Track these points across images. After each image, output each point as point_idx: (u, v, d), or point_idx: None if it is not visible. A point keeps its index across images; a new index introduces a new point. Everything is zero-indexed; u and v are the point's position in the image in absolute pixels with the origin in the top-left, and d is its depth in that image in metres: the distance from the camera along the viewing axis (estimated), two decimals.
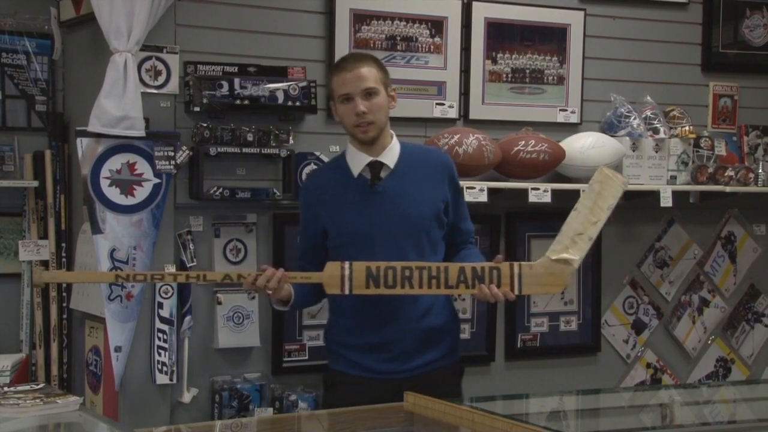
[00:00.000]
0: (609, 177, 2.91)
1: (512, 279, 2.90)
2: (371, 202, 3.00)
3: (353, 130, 3.01)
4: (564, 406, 3.13)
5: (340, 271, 2.86)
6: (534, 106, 4.01)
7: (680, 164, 4.04)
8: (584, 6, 4.06)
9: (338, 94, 3.00)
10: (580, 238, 2.89)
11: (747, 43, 4.36)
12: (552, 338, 4.08)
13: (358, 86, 2.96)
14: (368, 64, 3.01)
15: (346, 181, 3.04)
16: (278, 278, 2.88)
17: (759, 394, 3.32)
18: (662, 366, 4.26)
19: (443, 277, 2.88)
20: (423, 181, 3.05)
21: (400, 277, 2.86)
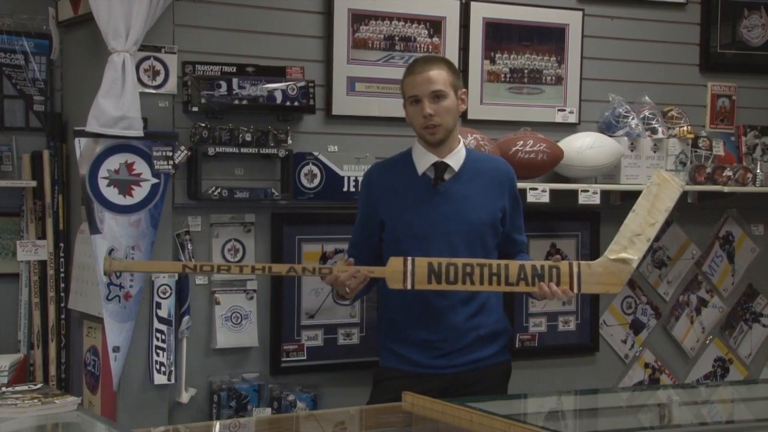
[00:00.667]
0: (666, 180, 2.97)
1: (571, 278, 2.95)
2: (432, 201, 3.06)
3: (421, 131, 3.07)
4: (562, 406, 3.12)
5: (402, 266, 2.90)
6: (532, 106, 3.98)
7: (678, 164, 4.01)
8: (582, 6, 4.03)
9: (407, 96, 3.08)
10: (638, 238, 2.94)
11: (745, 44, 4.33)
12: (550, 338, 4.05)
13: (426, 89, 3.03)
14: (438, 67, 3.06)
15: (410, 178, 3.10)
16: (362, 276, 2.93)
17: (757, 394, 3.31)
18: (660, 366, 4.22)
19: (504, 275, 2.92)
20: (485, 189, 3.10)
21: (461, 273, 2.90)
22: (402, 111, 3.26)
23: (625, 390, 3.87)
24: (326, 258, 3.68)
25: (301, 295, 3.65)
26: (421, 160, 3.11)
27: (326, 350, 3.68)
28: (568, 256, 4.06)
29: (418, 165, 3.11)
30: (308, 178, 3.60)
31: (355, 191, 3.61)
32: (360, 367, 3.68)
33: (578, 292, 2.97)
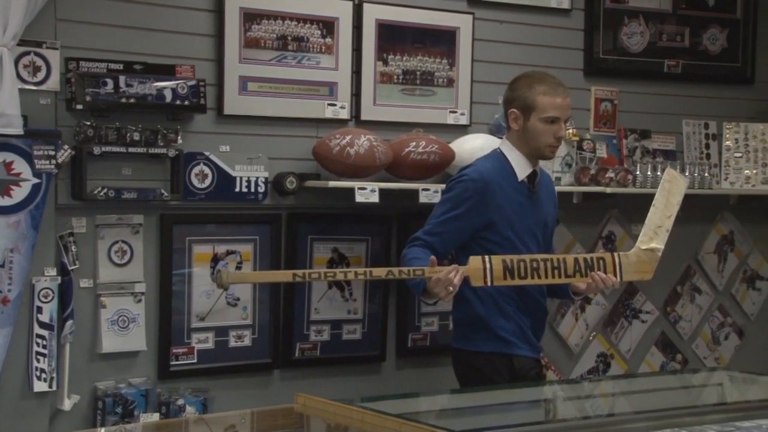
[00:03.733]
0: (675, 177, 3.12)
1: (615, 267, 3.05)
2: (530, 206, 3.16)
3: (545, 148, 3.13)
4: (453, 404, 3.03)
5: (482, 264, 2.94)
6: (424, 108, 3.80)
7: (564, 166, 3.91)
8: (472, 10, 3.89)
9: (546, 114, 3.09)
10: (660, 230, 3.07)
11: (626, 50, 4.26)
12: (443, 337, 3.88)
13: (566, 114, 3.14)
14: (568, 94, 3.18)
15: (513, 183, 3.15)
16: (461, 274, 2.91)
17: (636, 388, 3.27)
18: (547, 362, 4.10)
19: (563, 268, 3.01)
20: (547, 195, 3.27)
21: (529, 268, 2.98)
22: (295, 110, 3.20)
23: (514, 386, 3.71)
24: (217, 259, 3.44)
25: (192, 298, 3.40)
26: (521, 168, 3.17)
27: (217, 353, 3.44)
28: None
29: (519, 172, 3.16)
30: (199, 178, 3.37)
31: (247, 192, 3.42)
32: (252, 370, 3.48)
33: (621, 280, 3.08)
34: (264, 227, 3.52)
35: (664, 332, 4.37)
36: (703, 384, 3.26)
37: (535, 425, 2.71)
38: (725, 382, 3.16)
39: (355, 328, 3.69)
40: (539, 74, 3.22)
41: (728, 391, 3.13)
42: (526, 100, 3.11)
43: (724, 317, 4.51)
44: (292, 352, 3.58)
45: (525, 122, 3.12)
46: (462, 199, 3.10)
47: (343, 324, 3.68)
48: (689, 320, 4.41)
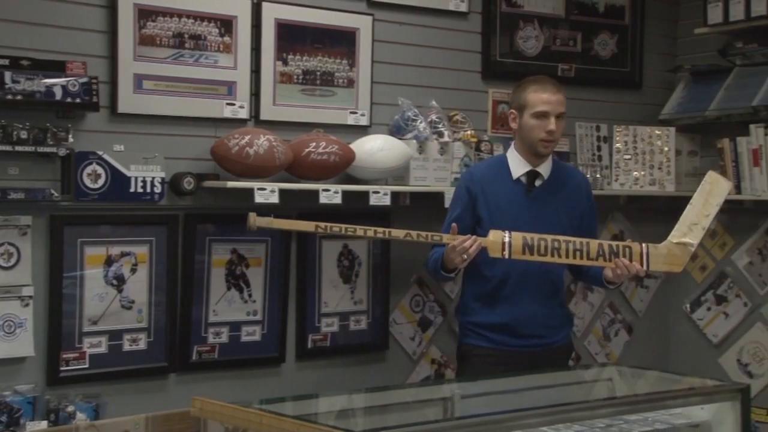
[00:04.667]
0: (717, 179, 3.20)
1: (641, 256, 3.13)
2: (525, 204, 3.23)
3: (537, 143, 3.23)
4: (353, 405, 2.96)
5: (502, 238, 3.06)
6: (325, 108, 3.72)
7: (463, 167, 3.89)
8: (372, 11, 3.83)
9: (536, 110, 3.22)
10: (695, 227, 3.14)
11: (521, 53, 4.27)
12: (342, 338, 3.81)
13: (556, 109, 3.23)
14: (563, 92, 3.30)
15: (506, 180, 3.27)
16: (479, 244, 3.04)
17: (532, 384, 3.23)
18: (446, 361, 4.09)
19: (585, 250, 3.10)
20: (567, 196, 3.31)
21: (550, 247, 3.07)
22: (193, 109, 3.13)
23: (413, 386, 3.71)
24: (112, 261, 3.29)
25: (84, 301, 3.24)
26: (516, 167, 3.28)
27: (111, 357, 3.29)
28: (360, 257, 3.84)
29: (514, 170, 3.28)
30: (92, 178, 3.22)
31: (143, 192, 3.29)
32: (147, 374, 3.34)
33: (647, 269, 3.15)
34: (160, 228, 3.39)
35: None
36: (594, 379, 3.30)
37: (434, 423, 2.71)
38: (615, 377, 3.20)
39: (255, 329, 3.60)
40: (534, 76, 3.38)
41: (617, 386, 3.17)
42: (520, 99, 3.28)
43: (614, 314, 4.58)
44: (189, 355, 3.46)
45: (520, 120, 3.27)
46: (457, 197, 3.34)
47: (242, 325, 3.58)
48: (582, 317, 4.46)
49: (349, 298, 3.82)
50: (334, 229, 3.02)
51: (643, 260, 3.13)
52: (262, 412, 2.46)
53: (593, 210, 3.42)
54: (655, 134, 4.40)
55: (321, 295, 3.75)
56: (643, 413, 2.79)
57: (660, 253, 3.14)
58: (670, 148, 4.39)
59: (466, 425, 2.55)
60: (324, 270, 3.76)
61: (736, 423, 2.76)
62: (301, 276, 3.71)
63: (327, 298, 3.76)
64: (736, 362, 4.44)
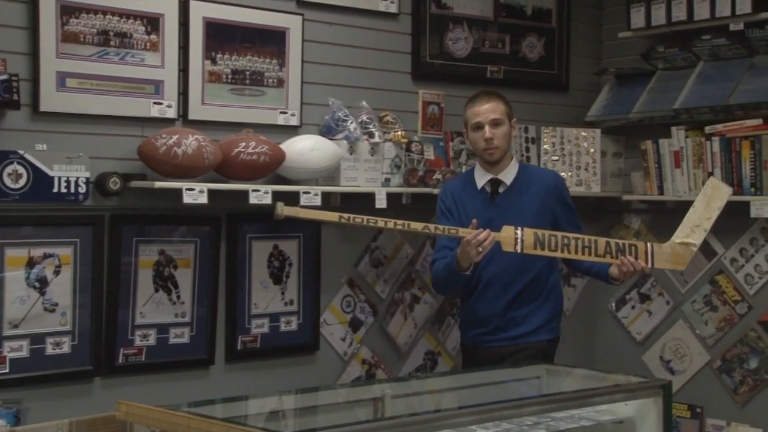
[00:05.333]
0: (718, 185, 3.35)
1: (646, 254, 3.28)
2: (489, 211, 3.41)
3: (482, 152, 3.48)
4: (283, 406, 2.93)
5: (514, 233, 3.21)
6: (255, 108, 3.67)
7: (394, 167, 3.89)
8: (302, 11, 3.79)
9: (472, 123, 3.47)
10: (697, 229, 3.27)
11: (451, 55, 4.28)
12: (273, 339, 3.76)
13: (488, 117, 3.43)
14: (496, 99, 3.48)
15: (473, 191, 3.52)
16: (493, 238, 3.20)
17: (461, 384, 3.29)
18: (376, 361, 4.07)
19: (594, 247, 3.27)
20: (534, 197, 3.47)
21: (560, 243, 3.24)
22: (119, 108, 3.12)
23: (344, 386, 3.69)
24: (34, 263, 3.19)
25: (4, 304, 3.13)
26: (480, 178, 3.53)
27: (32, 361, 3.19)
28: (290, 258, 3.80)
29: (478, 181, 3.52)
30: (12, 178, 3.11)
31: (67, 192, 3.20)
32: (71, 378, 3.25)
33: (652, 266, 3.29)
34: (85, 229, 3.30)
35: None
36: (523, 378, 3.32)
37: (363, 424, 2.70)
38: (543, 375, 3.23)
39: (183, 331, 3.53)
40: (476, 93, 3.58)
41: (546, 384, 3.20)
42: (464, 118, 3.55)
43: None
44: (115, 359, 3.37)
45: (468, 137, 3.55)
46: (440, 213, 3.57)
47: (170, 328, 3.50)
48: None
49: (279, 299, 3.78)
50: (356, 220, 3.16)
51: (648, 258, 3.28)
52: (190, 415, 2.42)
53: (569, 207, 3.56)
54: (582, 136, 4.46)
55: (251, 296, 3.70)
56: (570, 410, 2.81)
57: (664, 252, 3.28)
58: (596, 150, 4.45)
59: (396, 425, 2.54)
60: (254, 271, 3.71)
61: (658, 418, 2.81)
62: (230, 277, 3.65)
63: (257, 299, 3.71)
64: (659, 359, 4.53)
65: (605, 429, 2.83)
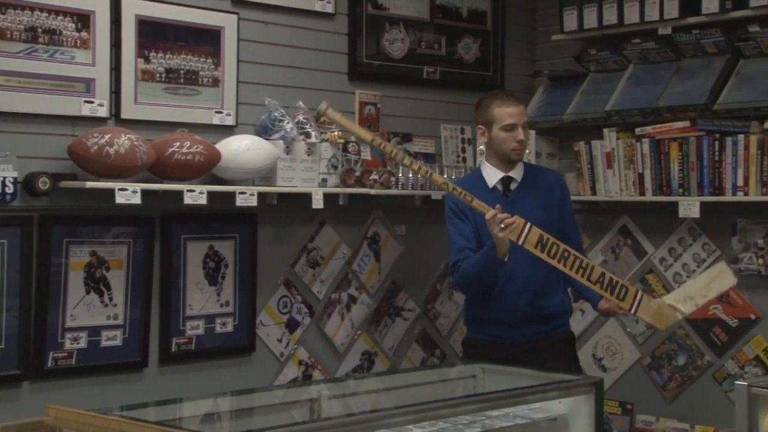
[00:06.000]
0: (725, 271, 3.33)
1: (634, 300, 3.29)
2: (505, 208, 3.32)
3: (509, 152, 3.50)
4: (218, 408, 2.89)
5: (522, 227, 3.25)
6: (189, 108, 3.61)
7: (330, 168, 3.86)
8: (237, 10, 3.74)
9: (504, 123, 3.48)
10: (690, 301, 3.30)
11: (388, 55, 4.27)
12: (208, 340, 3.71)
13: (522, 119, 3.51)
14: (522, 103, 3.57)
15: (484, 191, 3.49)
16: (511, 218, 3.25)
17: (398, 383, 3.27)
18: (313, 362, 4.05)
19: (588, 272, 3.28)
20: (541, 194, 3.54)
21: (560, 254, 3.25)
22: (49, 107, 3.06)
23: (280, 388, 3.66)
24: None
25: None
26: (490, 176, 3.55)
27: None
28: (226, 258, 3.75)
29: (489, 180, 3.55)
30: None
31: None
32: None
33: (634, 312, 3.31)
34: (13, 230, 3.20)
35: (425, 329, 4.43)
36: (458, 377, 3.33)
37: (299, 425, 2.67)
38: (478, 374, 3.25)
39: (115, 333, 3.46)
40: (494, 92, 3.66)
41: (481, 383, 3.22)
42: (486, 115, 3.52)
43: None
44: (44, 362, 3.28)
45: (490, 134, 3.51)
46: (453, 214, 3.55)
47: (102, 330, 3.43)
48: (447, 316, 4.50)
49: (215, 300, 3.73)
50: (386, 149, 3.33)
51: (633, 305, 3.30)
52: (122, 419, 2.37)
53: (567, 205, 3.64)
54: None
55: (186, 297, 3.64)
56: (504, 409, 2.83)
57: (650, 306, 3.30)
58: (531, 151, 4.49)
59: (332, 426, 2.52)
60: (189, 272, 3.65)
61: (590, 415, 2.84)
62: (164, 278, 3.59)
63: (192, 300, 3.66)
64: (591, 357, 4.58)
65: (539, 426, 2.85)
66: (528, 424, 2.81)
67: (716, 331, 4.20)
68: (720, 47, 4.10)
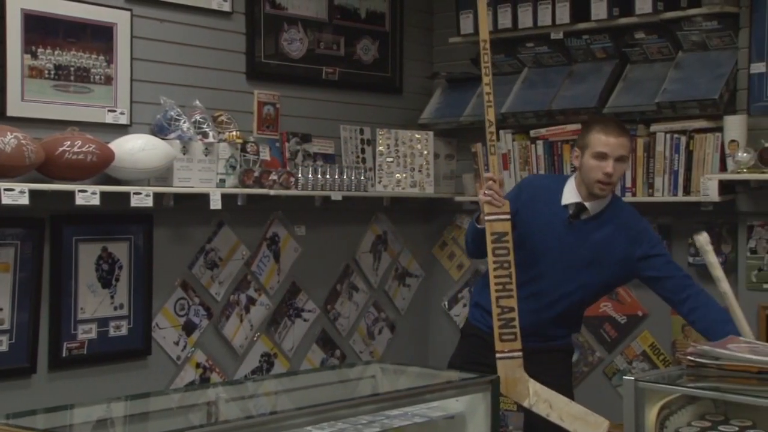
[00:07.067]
0: (594, 424, 3.08)
1: (510, 351, 3.14)
2: (561, 231, 3.20)
3: (594, 184, 3.17)
4: (111, 414, 2.80)
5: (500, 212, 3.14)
6: (80, 106, 3.50)
7: (229, 168, 3.80)
8: (130, 6, 3.64)
9: (596, 150, 3.16)
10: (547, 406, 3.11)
11: (286, 55, 4.23)
12: (101, 345, 3.60)
13: (616, 151, 3.15)
14: (627, 135, 3.23)
15: (554, 202, 3.24)
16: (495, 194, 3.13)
17: (297, 385, 3.23)
18: (211, 365, 3.97)
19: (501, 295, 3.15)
20: (614, 237, 3.20)
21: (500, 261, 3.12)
22: None
23: (177, 391, 3.58)
24: None
25: None
26: (569, 194, 3.24)
27: None
28: (120, 260, 3.65)
29: (564, 197, 3.24)
30: None
31: None
32: None
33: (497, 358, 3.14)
34: None
35: (325, 329, 4.40)
36: (358, 377, 3.32)
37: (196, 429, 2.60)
38: (378, 374, 3.24)
39: (1, 339, 3.31)
40: (603, 118, 3.52)
41: (380, 383, 3.21)
42: (584, 138, 3.23)
43: (378, 313, 4.65)
44: None
45: (582, 159, 3.21)
46: (513, 193, 3.34)
47: None
48: (347, 317, 4.49)
49: (108, 303, 3.62)
50: None
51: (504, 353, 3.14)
52: (8, 427, 2.29)
53: (657, 249, 3.23)
54: (416, 138, 4.52)
55: (77, 301, 3.53)
56: (403, 408, 2.83)
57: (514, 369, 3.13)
58: (429, 152, 4.52)
59: (230, 429, 2.47)
60: (81, 274, 3.54)
61: (486, 412, 2.87)
62: (55, 281, 3.46)
63: (84, 303, 3.54)
64: None
65: (437, 425, 2.86)
66: (426, 422, 2.82)
67: (606, 328, 4.31)
68: (609, 52, 4.21)
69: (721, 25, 3.89)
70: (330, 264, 4.41)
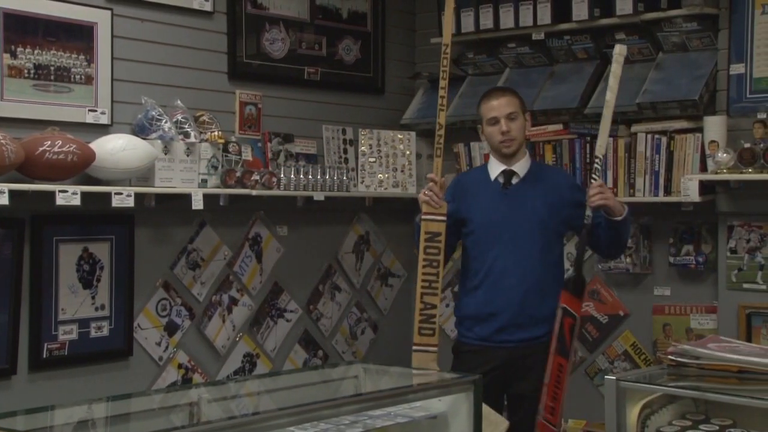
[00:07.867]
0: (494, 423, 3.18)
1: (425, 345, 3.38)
2: (501, 200, 3.42)
3: (499, 146, 3.44)
4: (93, 415, 2.78)
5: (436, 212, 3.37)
6: (61, 105, 3.47)
7: (210, 168, 3.78)
8: (111, 6, 3.61)
9: (487, 118, 3.45)
10: None
11: (268, 55, 4.21)
12: (82, 345, 3.56)
13: (503, 111, 3.43)
14: (510, 94, 3.50)
15: (485, 183, 3.49)
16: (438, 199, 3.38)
17: (280, 385, 3.22)
18: (193, 366, 3.95)
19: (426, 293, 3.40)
20: (546, 191, 3.42)
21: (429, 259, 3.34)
22: None
23: (159, 392, 3.56)
24: None
25: None
26: (493, 169, 3.50)
27: None
28: (101, 261, 3.62)
29: (491, 172, 3.49)
30: None
31: None
32: None
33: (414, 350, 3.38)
34: None
35: (307, 330, 4.39)
36: (341, 377, 3.31)
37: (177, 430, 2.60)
38: (360, 374, 3.23)
39: None
40: (490, 89, 3.63)
41: (363, 383, 3.21)
42: (478, 114, 3.53)
43: (360, 313, 4.64)
44: None
45: (483, 131, 3.50)
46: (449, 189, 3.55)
47: None
48: (330, 317, 4.48)
49: (89, 303, 3.59)
50: None
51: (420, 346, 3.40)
52: None
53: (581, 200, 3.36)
54: (398, 138, 4.51)
55: (58, 301, 3.50)
56: (386, 408, 2.82)
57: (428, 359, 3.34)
58: (411, 152, 4.52)
59: (213, 429, 2.46)
60: (62, 275, 3.51)
61: (469, 412, 2.87)
62: (35, 282, 3.43)
63: (65, 304, 3.51)
64: None
65: (419, 425, 2.86)
66: (409, 422, 2.82)
67: (588, 328, 4.32)
68: (590, 53, 4.23)
69: (701, 26, 3.91)
70: (312, 264, 4.40)
